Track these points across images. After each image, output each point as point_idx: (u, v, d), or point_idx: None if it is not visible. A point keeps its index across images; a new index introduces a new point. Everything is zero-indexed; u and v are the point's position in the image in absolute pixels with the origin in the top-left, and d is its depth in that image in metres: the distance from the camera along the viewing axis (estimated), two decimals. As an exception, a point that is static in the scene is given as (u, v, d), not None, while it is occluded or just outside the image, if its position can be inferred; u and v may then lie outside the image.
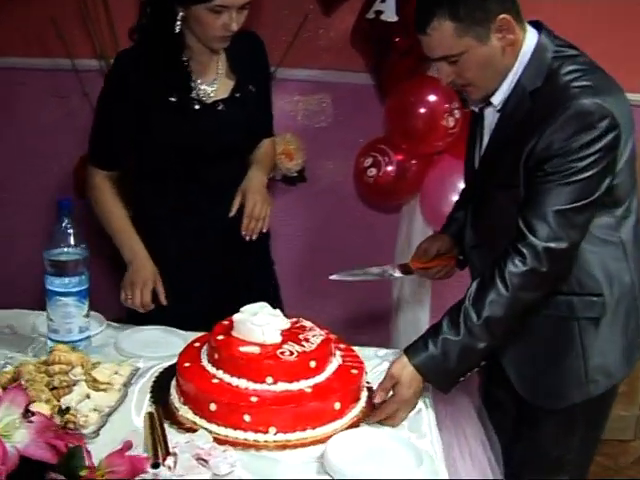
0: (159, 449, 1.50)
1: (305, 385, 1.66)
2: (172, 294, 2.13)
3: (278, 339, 1.72)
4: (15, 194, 3.06)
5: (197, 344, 1.82)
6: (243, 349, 1.69)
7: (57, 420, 1.44)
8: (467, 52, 1.64)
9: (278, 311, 1.79)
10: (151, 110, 2.09)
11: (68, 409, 1.47)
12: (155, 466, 1.45)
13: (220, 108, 2.15)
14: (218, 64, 2.16)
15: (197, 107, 2.12)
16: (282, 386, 1.64)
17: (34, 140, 3.04)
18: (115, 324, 2.12)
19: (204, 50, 2.08)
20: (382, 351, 1.97)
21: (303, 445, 1.60)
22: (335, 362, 1.76)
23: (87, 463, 1.28)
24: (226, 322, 1.80)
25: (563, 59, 1.65)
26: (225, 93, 2.16)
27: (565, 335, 1.75)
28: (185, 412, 1.68)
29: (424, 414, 1.73)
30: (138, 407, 1.70)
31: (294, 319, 1.83)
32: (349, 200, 2.79)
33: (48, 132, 3.00)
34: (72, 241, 1.81)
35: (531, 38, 1.68)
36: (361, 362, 1.79)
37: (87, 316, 1.87)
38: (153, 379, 1.81)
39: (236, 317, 1.75)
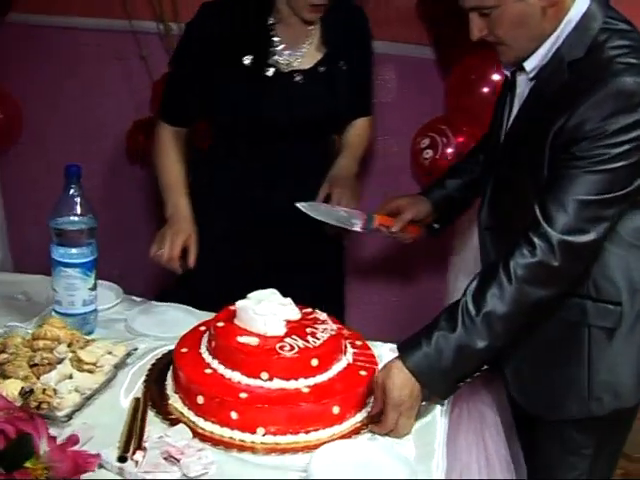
0: (133, 441, 1.39)
1: (303, 384, 1.52)
2: (210, 276, 2.03)
3: (281, 331, 1.58)
4: (70, 156, 3.01)
5: (203, 328, 1.71)
6: (241, 339, 1.56)
7: (19, 402, 1.34)
8: (501, 5, 1.46)
9: (289, 300, 1.64)
10: (221, 70, 1.97)
11: (32, 391, 1.37)
12: (121, 459, 1.35)
13: (297, 79, 2.01)
14: (309, 34, 2.02)
15: (269, 74, 1.98)
16: (277, 383, 1.51)
17: (93, 102, 2.98)
18: (136, 298, 2.03)
19: (293, 16, 1.97)
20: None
21: (294, 450, 1.46)
22: (343, 361, 1.61)
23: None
24: (233, 307, 1.66)
25: (611, 32, 1.44)
26: (308, 65, 2.02)
27: (572, 341, 1.58)
28: (175, 401, 1.57)
29: (438, 425, 1.56)
30: (129, 390, 1.60)
31: (309, 309, 1.69)
32: (404, 181, 2.61)
33: (106, 94, 2.94)
34: (79, 210, 1.72)
35: (581, 4, 1.48)
36: (374, 363, 1.63)
37: (93, 289, 1.77)
38: (152, 362, 1.70)
39: (239, 304, 1.62)
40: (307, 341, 1.57)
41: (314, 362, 1.54)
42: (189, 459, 1.36)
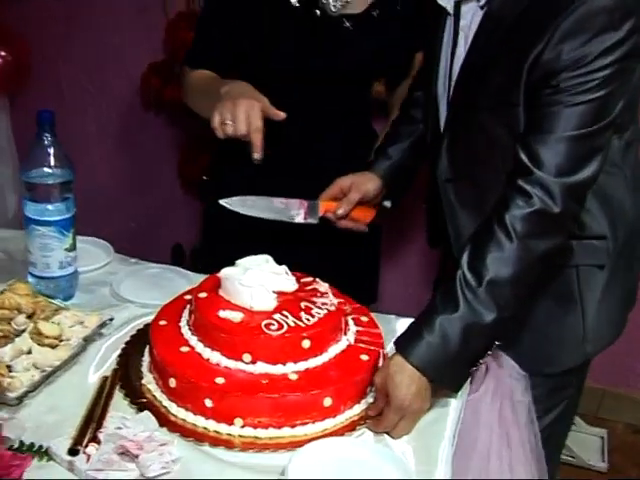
0: (89, 429, 1.21)
1: (291, 369, 1.33)
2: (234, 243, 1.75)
3: (270, 306, 1.38)
4: (81, 101, 2.83)
5: (188, 297, 1.51)
6: (223, 314, 1.37)
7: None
8: None
9: (284, 268, 1.44)
10: (263, 9, 1.72)
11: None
12: (72, 452, 1.17)
13: (346, 25, 1.75)
14: None
15: (316, 16, 1.73)
16: (261, 367, 1.32)
17: (108, 40, 2.78)
18: (130, 259, 1.85)
19: None
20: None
21: (276, 447, 1.27)
22: (342, 342, 1.41)
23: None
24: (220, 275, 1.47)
25: None
26: (359, 8, 1.76)
27: (563, 286, 1.49)
28: (148, 382, 1.38)
29: (449, 420, 1.34)
30: (99, 367, 1.42)
31: (308, 279, 1.49)
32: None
33: (119, 33, 2.73)
34: (53, 161, 1.53)
35: None
36: (380, 345, 1.42)
37: (71, 250, 1.59)
38: (132, 333, 1.51)
39: (224, 272, 1.42)
40: (299, 318, 1.37)
41: (305, 344, 1.34)
42: (148, 455, 1.18)
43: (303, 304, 1.41)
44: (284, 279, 1.45)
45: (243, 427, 1.28)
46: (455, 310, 1.28)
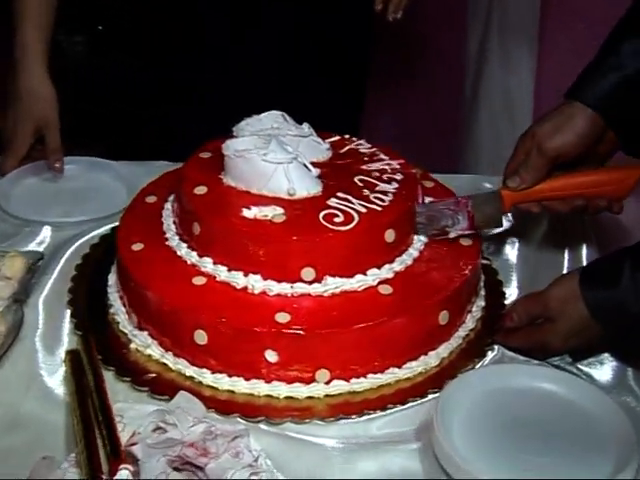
0: (100, 448, 0.88)
1: (378, 278, 1.04)
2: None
3: (318, 187, 1.07)
4: None
5: (153, 199, 1.18)
6: (251, 212, 1.04)
7: None
8: None
9: (307, 127, 1.14)
10: None
11: None
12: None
13: None
14: None
15: None
16: (333, 283, 1.02)
17: None
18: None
19: None
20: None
21: (381, 405, 0.98)
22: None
23: None
24: (208, 154, 1.17)
25: None
26: None
27: None
28: (143, 343, 1.05)
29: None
30: (51, 338, 1.07)
31: (337, 137, 1.21)
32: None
33: None
34: None
35: None
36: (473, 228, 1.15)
37: None
38: (72, 274, 1.16)
39: (230, 146, 1.08)
40: (367, 199, 1.07)
41: (389, 236, 1.05)
42: (220, 461, 0.87)
43: (358, 178, 1.11)
44: (314, 142, 1.14)
45: (329, 382, 1.00)
46: None
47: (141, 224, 1.14)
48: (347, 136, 1.22)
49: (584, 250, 1.22)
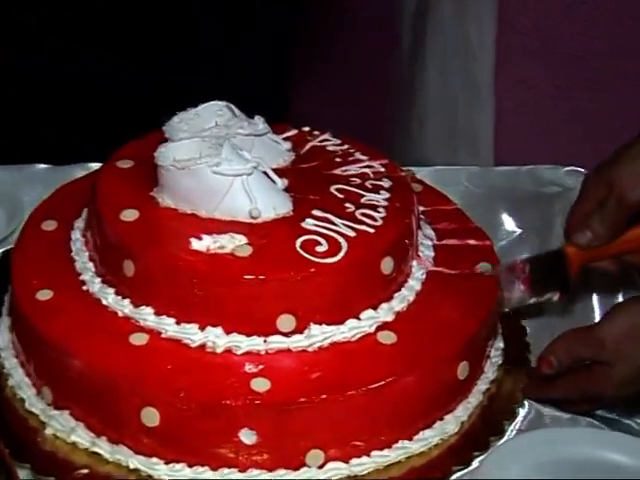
0: None
1: (376, 322, 0.86)
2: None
3: (288, 205, 0.88)
4: None
5: (51, 225, 0.97)
6: (202, 244, 0.84)
7: None
8: None
9: (260, 118, 0.94)
10: None
11: None
12: None
13: None
14: None
15: None
16: (319, 333, 0.83)
17: None
18: None
19: None
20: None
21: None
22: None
23: None
24: (127, 163, 0.96)
25: None
26: None
27: None
28: (63, 424, 0.84)
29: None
30: None
31: (291, 132, 1.01)
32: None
33: None
34: None
35: None
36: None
37: None
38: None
39: (164, 155, 0.87)
40: (353, 218, 0.88)
41: (387, 266, 0.87)
42: None
43: (334, 188, 0.93)
44: (271, 142, 0.95)
45: (323, 466, 0.81)
46: None
47: (42, 263, 0.91)
48: (307, 129, 1.02)
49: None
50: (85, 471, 0.80)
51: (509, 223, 1.16)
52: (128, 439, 0.80)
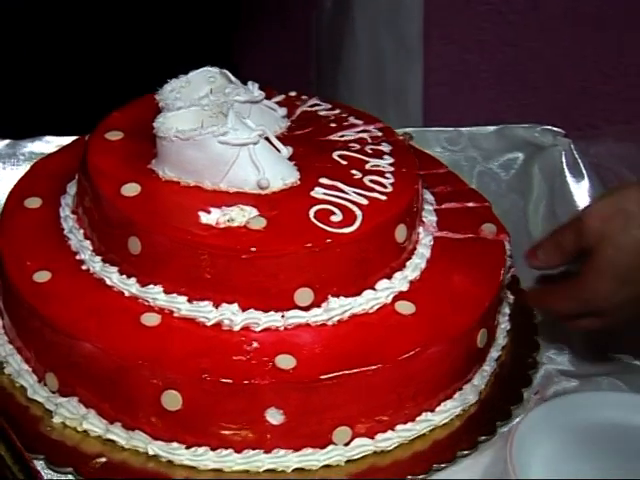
0: None
1: (392, 292, 0.84)
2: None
3: (294, 174, 0.85)
4: None
5: (36, 203, 0.93)
6: (210, 218, 0.81)
7: None
8: None
9: (253, 84, 0.90)
10: None
11: None
12: None
13: None
14: None
15: None
16: (337, 306, 0.81)
17: None
18: None
19: None
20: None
21: (419, 467, 0.80)
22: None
23: None
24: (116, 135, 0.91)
25: None
26: None
27: None
28: (72, 412, 0.80)
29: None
30: None
31: (280, 96, 0.99)
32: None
33: None
34: None
35: None
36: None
37: None
38: None
39: (164, 125, 0.83)
40: (361, 185, 0.86)
41: (400, 234, 0.85)
42: None
43: (337, 154, 0.90)
44: (268, 109, 0.92)
45: (349, 443, 0.79)
46: None
47: (33, 242, 0.87)
48: (293, 93, 1.00)
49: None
50: (103, 459, 0.76)
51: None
52: (145, 424, 0.77)
